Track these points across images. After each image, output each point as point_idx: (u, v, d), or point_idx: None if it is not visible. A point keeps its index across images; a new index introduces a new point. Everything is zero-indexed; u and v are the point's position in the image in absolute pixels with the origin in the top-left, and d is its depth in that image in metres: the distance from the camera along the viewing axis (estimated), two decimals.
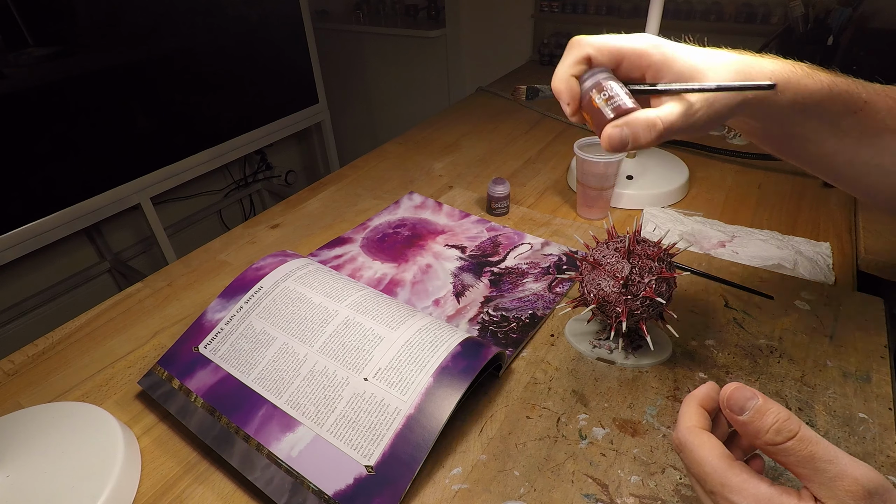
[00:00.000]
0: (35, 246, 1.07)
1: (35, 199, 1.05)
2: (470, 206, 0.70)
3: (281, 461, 0.36)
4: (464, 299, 0.53)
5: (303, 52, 1.55)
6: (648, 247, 0.40)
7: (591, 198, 0.64)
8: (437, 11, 1.75)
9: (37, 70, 1.02)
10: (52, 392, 0.45)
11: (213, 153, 1.38)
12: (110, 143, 1.15)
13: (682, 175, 0.69)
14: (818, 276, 0.53)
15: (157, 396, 0.42)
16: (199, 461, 0.39)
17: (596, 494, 0.35)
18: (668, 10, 1.00)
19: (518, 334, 0.48)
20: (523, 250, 0.60)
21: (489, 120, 0.99)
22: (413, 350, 0.39)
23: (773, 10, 1.06)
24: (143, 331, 0.52)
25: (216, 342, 0.44)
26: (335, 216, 0.70)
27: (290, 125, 1.58)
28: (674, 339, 0.46)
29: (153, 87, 1.21)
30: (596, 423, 0.40)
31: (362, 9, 1.92)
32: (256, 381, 0.41)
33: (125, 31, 1.15)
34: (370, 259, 0.60)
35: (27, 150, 1.02)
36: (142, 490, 0.37)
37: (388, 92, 2.01)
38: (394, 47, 1.87)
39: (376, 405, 0.37)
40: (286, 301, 0.45)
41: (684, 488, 0.35)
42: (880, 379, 0.42)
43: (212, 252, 0.64)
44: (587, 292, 0.41)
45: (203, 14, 1.28)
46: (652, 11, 0.61)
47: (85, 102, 1.09)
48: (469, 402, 0.42)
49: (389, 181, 0.78)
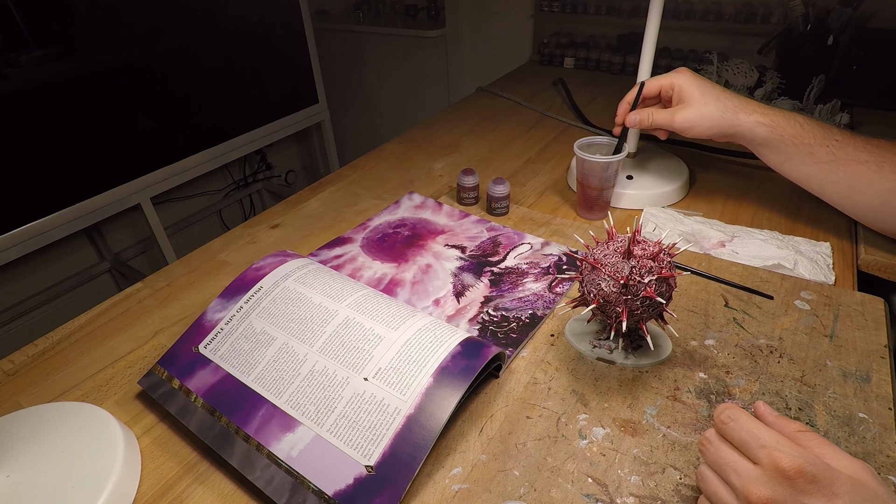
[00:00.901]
0: (35, 246, 1.06)
1: (35, 199, 1.05)
2: (470, 206, 0.70)
3: (281, 461, 0.36)
4: (464, 299, 0.53)
5: (303, 52, 1.55)
6: (648, 247, 0.40)
7: (591, 198, 0.64)
8: (437, 11, 1.75)
9: (37, 70, 1.02)
10: (52, 392, 0.45)
11: (213, 153, 1.38)
12: (110, 143, 1.15)
13: (682, 175, 0.69)
14: (818, 276, 0.53)
15: (157, 396, 0.42)
16: (199, 461, 0.39)
17: (596, 494, 0.35)
18: (668, 10, 1.00)
19: (518, 334, 0.48)
20: (523, 250, 0.60)
21: (489, 120, 0.99)
22: (413, 350, 0.39)
23: (773, 10, 1.06)
24: (143, 331, 0.52)
25: (216, 342, 0.44)
26: (335, 216, 0.70)
27: (290, 125, 1.58)
28: (674, 339, 0.46)
29: (153, 86, 1.21)
30: (596, 423, 0.40)
31: (362, 9, 1.92)
32: (256, 381, 0.41)
33: (125, 31, 1.15)
34: (370, 259, 0.60)
35: (27, 150, 1.02)
36: (142, 490, 0.37)
37: (388, 92, 2.01)
38: (394, 47, 1.87)
39: (376, 405, 0.37)
40: (286, 301, 0.45)
41: (684, 488, 0.35)
42: (880, 379, 0.42)
43: (212, 252, 0.64)
44: (587, 292, 0.41)
45: (203, 14, 1.28)
46: (652, 11, 0.61)
47: (85, 102, 1.09)
48: (469, 402, 0.42)
49: (389, 181, 0.78)
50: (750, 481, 0.28)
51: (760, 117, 0.56)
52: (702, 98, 0.57)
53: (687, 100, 0.58)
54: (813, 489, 0.27)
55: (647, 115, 0.60)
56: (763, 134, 0.56)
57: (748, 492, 0.28)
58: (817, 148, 0.54)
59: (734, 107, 0.57)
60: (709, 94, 0.58)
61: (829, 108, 0.81)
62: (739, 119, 0.56)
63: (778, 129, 0.55)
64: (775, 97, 0.90)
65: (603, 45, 1.27)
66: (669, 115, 0.59)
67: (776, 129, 0.56)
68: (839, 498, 0.26)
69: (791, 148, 0.55)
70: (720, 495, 0.30)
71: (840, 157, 0.53)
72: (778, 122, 0.55)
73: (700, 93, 0.58)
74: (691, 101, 0.58)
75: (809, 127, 0.55)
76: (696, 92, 0.58)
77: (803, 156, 0.55)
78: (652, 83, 0.61)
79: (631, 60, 1.19)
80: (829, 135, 0.54)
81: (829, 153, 0.54)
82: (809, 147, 0.54)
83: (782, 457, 0.27)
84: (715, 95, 0.57)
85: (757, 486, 0.28)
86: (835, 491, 0.26)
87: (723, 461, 0.30)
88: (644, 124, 0.61)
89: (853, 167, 0.53)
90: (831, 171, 0.54)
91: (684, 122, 0.58)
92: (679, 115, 0.58)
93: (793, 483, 0.27)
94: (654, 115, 0.60)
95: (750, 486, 0.28)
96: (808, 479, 0.27)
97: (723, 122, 0.57)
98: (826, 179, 0.55)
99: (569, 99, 1.04)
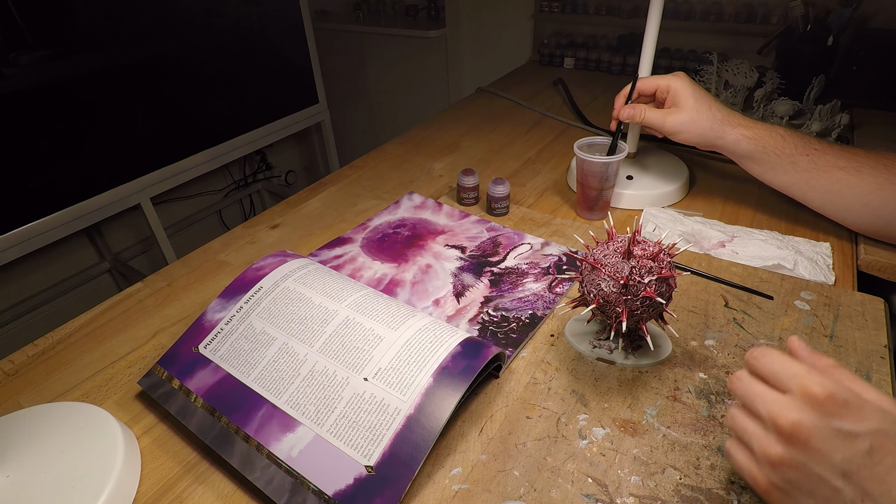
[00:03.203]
0: (35, 246, 1.06)
1: (35, 199, 1.05)
2: (470, 206, 0.70)
3: (281, 461, 0.36)
4: (464, 299, 0.53)
5: (303, 52, 1.55)
6: (648, 247, 0.40)
7: (591, 198, 0.64)
8: (437, 11, 1.75)
9: (37, 70, 1.02)
10: (52, 392, 0.45)
11: (213, 153, 1.38)
12: (110, 143, 1.15)
13: (682, 175, 0.69)
14: (818, 276, 0.53)
15: (157, 396, 0.42)
16: (199, 461, 0.39)
17: (596, 494, 0.35)
18: (668, 10, 1.00)
19: (518, 334, 0.48)
20: (523, 250, 0.60)
21: (489, 120, 0.99)
22: (413, 350, 0.39)
23: (773, 10, 1.06)
24: (143, 331, 0.52)
25: (216, 342, 0.44)
26: (335, 216, 0.70)
27: (290, 125, 1.58)
28: (674, 339, 0.46)
29: (153, 87, 1.21)
30: (596, 423, 0.40)
31: (362, 9, 1.92)
32: (256, 381, 0.41)
33: (125, 31, 1.15)
34: (370, 259, 0.60)
35: (27, 150, 1.02)
36: (142, 490, 0.37)
37: (388, 92, 2.01)
38: (394, 47, 1.87)
39: (376, 405, 0.37)
40: (286, 301, 0.45)
41: (684, 488, 0.35)
42: (880, 379, 0.42)
43: (212, 252, 0.64)
44: (587, 292, 0.41)
45: (203, 14, 1.28)
46: (652, 11, 0.61)
47: (85, 102, 1.09)
48: (469, 402, 0.42)
49: (389, 181, 0.78)
50: (778, 407, 0.28)
51: (745, 130, 0.59)
52: (695, 105, 0.59)
53: (681, 104, 0.60)
54: (843, 412, 0.27)
55: (640, 110, 0.62)
56: (747, 147, 0.59)
57: (776, 417, 0.28)
58: (798, 157, 0.57)
59: (721, 119, 0.59)
60: (702, 102, 0.59)
61: (829, 108, 0.81)
62: (725, 131, 0.59)
63: (761, 141, 0.58)
64: (775, 97, 0.90)
65: (603, 45, 1.27)
66: (662, 116, 0.61)
67: (759, 142, 0.58)
68: (868, 421, 0.26)
69: (774, 159, 0.58)
70: (748, 429, 0.30)
71: (821, 165, 0.56)
72: (761, 134, 0.58)
73: (694, 100, 0.59)
74: (685, 106, 0.60)
75: (790, 138, 0.57)
76: (691, 99, 0.59)
77: (785, 165, 0.58)
78: (648, 81, 0.63)
79: (631, 61, 1.19)
80: (809, 144, 0.57)
81: (809, 161, 0.56)
82: (791, 157, 0.57)
83: (813, 383, 0.27)
84: (707, 105, 0.59)
85: (786, 410, 0.28)
86: (864, 416, 0.26)
87: (752, 393, 0.30)
88: (636, 119, 0.63)
89: (834, 173, 0.55)
90: (813, 178, 0.57)
91: (674, 125, 0.60)
92: (670, 118, 0.60)
93: (823, 407, 0.27)
94: (647, 112, 0.62)
95: (779, 412, 0.28)
96: (838, 403, 0.27)
97: (710, 132, 0.59)
98: (808, 186, 0.58)
99: (569, 99, 1.04)
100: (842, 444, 0.26)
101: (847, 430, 0.26)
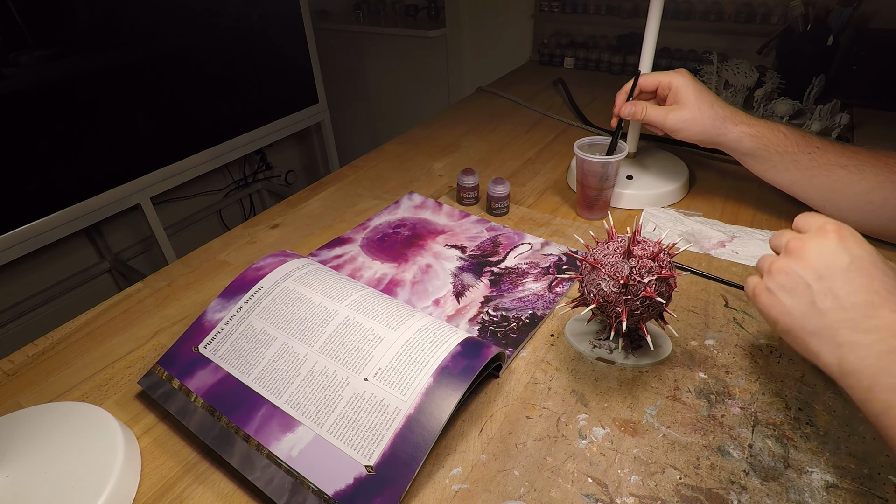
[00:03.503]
0: (35, 246, 1.07)
1: (35, 199, 1.05)
2: (470, 206, 0.70)
3: (281, 461, 0.36)
4: (464, 299, 0.53)
5: (303, 52, 1.55)
6: (648, 247, 0.40)
7: (591, 198, 0.64)
8: (437, 11, 1.75)
9: (37, 70, 1.02)
10: (52, 392, 0.45)
11: (213, 153, 1.38)
12: (110, 143, 1.15)
13: (682, 175, 0.69)
14: None
15: (157, 396, 0.42)
16: (199, 461, 0.39)
17: (596, 494, 0.35)
18: (668, 10, 1.00)
19: (518, 334, 0.48)
20: (523, 250, 0.60)
21: (489, 120, 0.99)
22: (413, 350, 0.39)
23: (773, 10, 1.06)
24: (143, 331, 0.52)
25: (216, 342, 0.44)
26: (335, 216, 0.70)
27: (290, 125, 1.58)
28: (674, 339, 0.46)
29: (153, 87, 1.21)
30: (596, 423, 0.40)
31: (362, 9, 1.92)
32: (256, 381, 0.41)
33: (125, 31, 1.15)
34: (370, 259, 0.60)
35: (27, 150, 1.02)
36: (142, 490, 0.37)
37: (388, 92, 2.01)
38: (394, 47, 1.87)
39: (376, 405, 0.37)
40: (286, 301, 0.45)
41: (684, 488, 0.35)
42: None
43: (212, 252, 0.64)
44: (587, 292, 0.41)
45: (203, 14, 1.28)
46: (652, 11, 0.61)
47: (85, 102, 1.09)
48: (469, 402, 0.42)
49: (389, 181, 0.78)
50: (795, 237, 0.36)
51: (747, 128, 0.58)
52: (697, 102, 0.59)
53: (682, 101, 0.60)
54: (844, 238, 0.34)
55: (641, 108, 0.62)
56: (749, 144, 0.58)
57: (790, 239, 0.36)
58: (800, 155, 0.57)
59: (724, 116, 0.59)
60: (704, 99, 0.59)
61: (829, 108, 0.81)
62: (727, 128, 0.59)
63: (763, 139, 0.58)
64: (775, 97, 0.90)
65: (603, 45, 1.27)
66: (663, 113, 0.61)
67: (761, 140, 0.58)
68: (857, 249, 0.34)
69: (775, 157, 0.58)
70: (764, 260, 0.38)
71: (822, 163, 0.56)
72: (762, 132, 0.58)
73: (696, 97, 0.59)
74: (686, 103, 0.59)
75: (792, 136, 0.57)
76: (693, 96, 0.59)
77: (787, 163, 0.58)
78: (650, 78, 0.63)
79: (631, 60, 1.19)
80: (811, 142, 0.57)
81: (811, 159, 0.56)
82: (792, 155, 0.57)
83: (829, 222, 0.35)
84: (709, 102, 0.59)
85: (799, 238, 0.36)
86: (856, 245, 0.34)
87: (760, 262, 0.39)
88: (637, 116, 0.62)
89: (835, 171, 0.55)
90: (814, 176, 0.57)
91: (676, 122, 0.60)
92: (672, 115, 0.60)
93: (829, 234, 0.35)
94: (649, 109, 0.62)
95: (793, 237, 0.36)
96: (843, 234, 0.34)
97: (712, 129, 0.59)
98: (809, 184, 0.58)
99: (569, 99, 1.04)
100: (829, 257, 0.34)
101: (837, 247, 0.34)
